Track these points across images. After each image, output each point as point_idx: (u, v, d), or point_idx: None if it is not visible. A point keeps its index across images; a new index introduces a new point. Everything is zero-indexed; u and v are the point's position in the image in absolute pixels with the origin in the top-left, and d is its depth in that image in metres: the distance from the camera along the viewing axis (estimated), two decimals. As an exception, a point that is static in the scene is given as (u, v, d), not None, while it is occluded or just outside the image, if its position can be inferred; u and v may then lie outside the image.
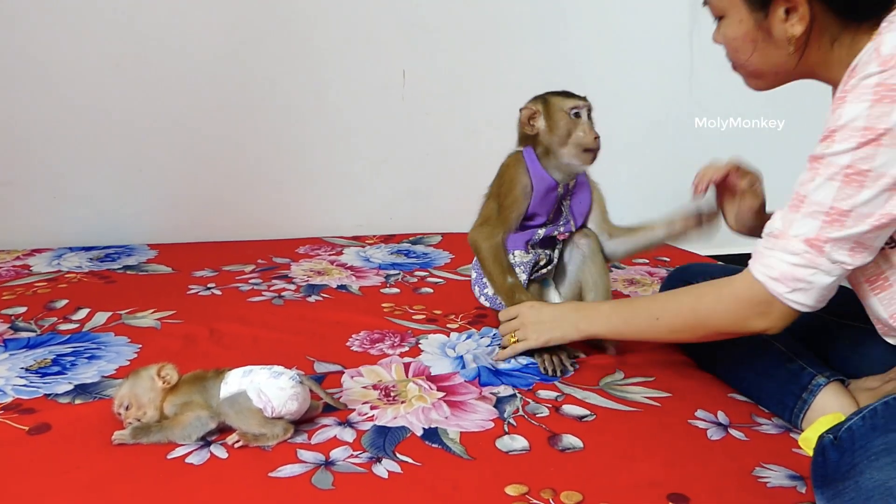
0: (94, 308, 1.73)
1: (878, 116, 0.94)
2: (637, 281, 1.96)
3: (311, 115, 2.36)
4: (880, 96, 0.94)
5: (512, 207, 1.46)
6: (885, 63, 0.94)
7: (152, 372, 1.21)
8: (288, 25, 2.28)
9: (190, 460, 1.13)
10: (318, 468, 1.11)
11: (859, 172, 0.98)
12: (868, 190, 0.98)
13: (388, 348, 1.53)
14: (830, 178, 1.00)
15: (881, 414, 0.94)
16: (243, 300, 1.81)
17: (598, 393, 1.36)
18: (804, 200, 1.04)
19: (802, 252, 1.04)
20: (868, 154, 0.96)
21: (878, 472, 0.89)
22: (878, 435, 0.92)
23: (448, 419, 1.26)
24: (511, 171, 1.47)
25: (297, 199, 2.44)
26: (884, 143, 0.95)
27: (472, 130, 2.41)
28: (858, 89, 0.96)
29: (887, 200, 0.98)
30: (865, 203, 0.99)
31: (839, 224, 1.01)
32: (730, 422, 1.26)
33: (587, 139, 1.41)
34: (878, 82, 0.94)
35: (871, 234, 1.01)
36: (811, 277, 1.05)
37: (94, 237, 2.27)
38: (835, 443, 0.94)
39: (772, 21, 1.07)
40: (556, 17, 2.39)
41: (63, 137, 2.24)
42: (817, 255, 1.03)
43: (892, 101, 0.93)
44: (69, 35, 2.16)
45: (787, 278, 1.06)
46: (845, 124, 0.98)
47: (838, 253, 1.03)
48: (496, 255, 1.47)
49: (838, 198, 1.00)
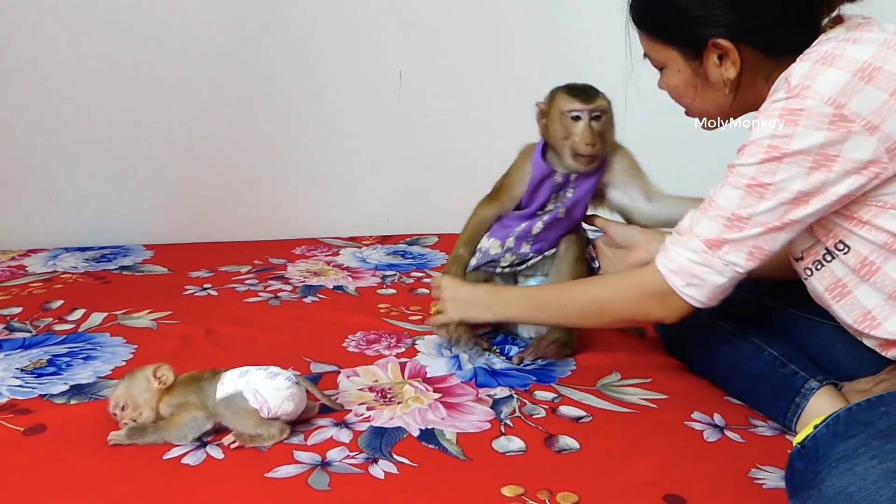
0: (90, 308, 1.72)
1: (782, 137, 1.03)
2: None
3: (308, 115, 2.36)
4: (785, 119, 1.02)
5: (507, 189, 1.50)
6: (790, 91, 1.02)
7: (148, 372, 1.21)
8: (285, 26, 2.28)
9: (186, 461, 1.13)
10: (315, 469, 1.11)
11: (761, 185, 1.06)
12: (767, 202, 1.06)
13: (385, 349, 1.53)
14: (736, 187, 1.08)
15: (843, 420, 0.97)
16: (239, 301, 1.81)
17: (595, 394, 1.36)
18: (712, 204, 1.12)
19: (700, 251, 1.12)
20: (770, 169, 1.04)
21: (837, 478, 0.90)
22: (839, 442, 0.95)
23: (444, 420, 1.26)
24: (520, 158, 1.50)
25: (293, 200, 2.43)
26: (785, 162, 1.03)
27: (469, 131, 2.41)
28: (768, 111, 1.05)
29: (784, 214, 1.06)
30: (763, 213, 1.07)
31: (737, 229, 1.09)
32: (726, 423, 1.26)
33: (579, 145, 1.39)
34: (783, 106, 1.03)
35: (765, 236, 1.08)
36: (705, 275, 1.13)
37: (89, 238, 2.27)
38: (802, 452, 0.97)
39: (707, 67, 1.15)
40: (553, 18, 2.39)
41: (59, 138, 2.23)
42: (713, 254, 1.11)
43: (794, 125, 1.01)
44: (65, 35, 2.15)
45: (684, 273, 1.14)
46: (755, 140, 1.06)
47: (734, 255, 1.10)
48: (474, 225, 1.53)
49: (740, 205, 1.08)
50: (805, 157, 1.02)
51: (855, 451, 0.92)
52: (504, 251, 1.51)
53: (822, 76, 1.01)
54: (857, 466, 0.90)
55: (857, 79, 0.99)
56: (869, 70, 1.00)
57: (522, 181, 1.48)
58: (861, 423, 0.95)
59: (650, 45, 1.21)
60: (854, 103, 0.99)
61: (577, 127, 1.40)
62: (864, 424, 0.95)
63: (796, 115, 1.01)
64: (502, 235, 1.51)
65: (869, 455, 0.91)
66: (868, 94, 0.99)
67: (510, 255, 1.52)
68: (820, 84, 1.01)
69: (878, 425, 0.95)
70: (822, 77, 1.01)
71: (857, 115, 0.99)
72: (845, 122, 0.99)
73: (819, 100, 1.00)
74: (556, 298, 1.35)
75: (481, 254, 1.53)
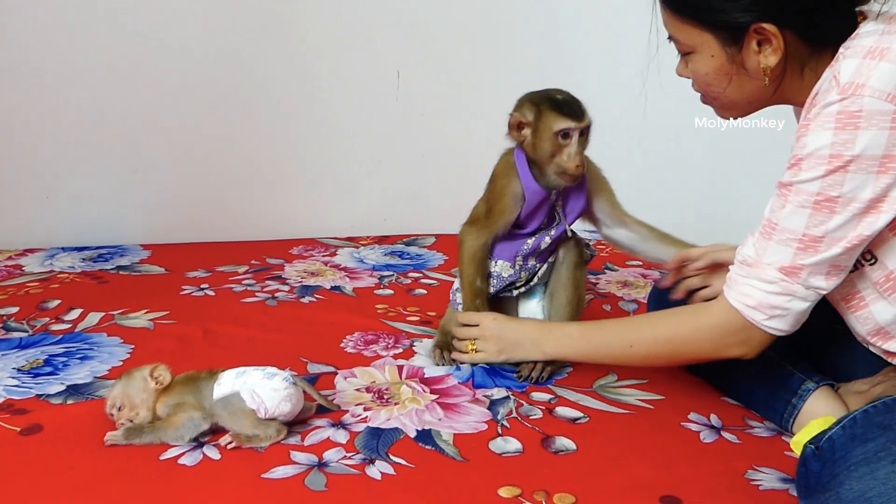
0: (87, 308, 1.72)
1: (843, 143, 0.97)
2: (630, 283, 1.97)
3: (306, 115, 2.36)
4: (843, 124, 0.96)
5: (501, 215, 1.44)
6: (843, 91, 0.96)
7: (145, 373, 1.21)
8: (282, 26, 2.27)
9: (183, 461, 1.13)
10: (312, 469, 1.11)
11: (829, 199, 1.00)
12: (839, 216, 1.00)
13: (382, 350, 1.53)
14: (801, 206, 1.02)
15: (860, 423, 0.95)
16: (237, 301, 1.80)
17: (592, 395, 1.36)
18: (776, 228, 1.06)
19: (778, 280, 1.06)
20: (836, 181, 0.99)
21: (857, 482, 0.90)
22: (857, 445, 0.93)
23: (441, 421, 1.26)
24: (502, 178, 1.44)
25: (290, 200, 2.43)
26: (850, 170, 0.98)
27: (466, 131, 2.41)
28: (821, 117, 0.98)
29: (857, 224, 1.01)
30: (837, 228, 1.01)
31: (813, 250, 1.03)
32: (722, 424, 1.26)
33: (569, 165, 1.35)
34: (839, 110, 0.96)
35: (844, 255, 1.03)
36: (788, 304, 1.07)
37: (86, 237, 2.26)
38: (817, 453, 0.95)
39: (745, 54, 1.07)
40: (550, 18, 2.39)
41: (56, 137, 2.23)
42: (793, 282, 1.06)
43: (855, 128, 0.96)
44: (63, 35, 2.15)
45: (764, 306, 1.08)
46: (811, 153, 1.00)
47: (814, 278, 1.05)
48: (475, 255, 1.47)
49: (810, 224, 1.02)
50: (871, 162, 0.97)
51: (875, 454, 0.91)
52: (518, 270, 1.49)
53: (876, 72, 0.95)
54: (877, 471, 0.89)
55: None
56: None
57: (515, 205, 1.42)
58: (879, 427, 0.94)
59: (679, 27, 1.11)
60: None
61: (569, 146, 1.34)
62: (883, 428, 0.94)
63: (855, 118, 0.95)
64: (510, 255, 1.48)
65: (889, 460, 0.90)
66: None
67: (524, 273, 1.50)
68: (875, 80, 0.95)
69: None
70: (875, 73, 0.95)
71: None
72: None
73: (878, 97, 0.94)
74: (620, 339, 1.29)
75: (496, 279, 1.49)
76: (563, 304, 1.49)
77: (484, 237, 1.46)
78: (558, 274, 1.51)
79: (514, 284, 1.51)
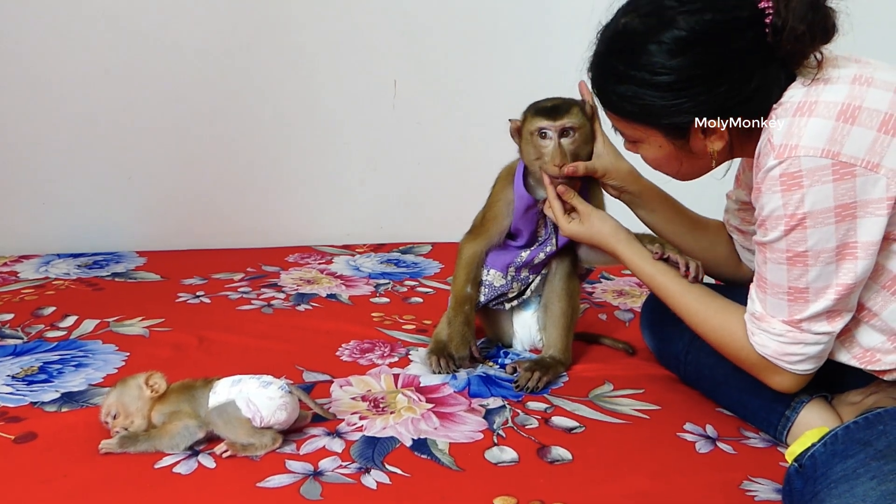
0: (82, 315, 1.72)
1: (793, 203, 1.01)
2: (626, 292, 1.97)
3: (303, 122, 2.36)
4: (787, 186, 1.01)
5: (493, 222, 1.45)
6: (779, 154, 1.01)
7: (140, 380, 1.20)
8: (280, 33, 2.28)
9: (177, 470, 1.12)
10: (307, 478, 1.11)
11: (798, 254, 1.04)
12: (814, 268, 1.04)
13: (378, 358, 1.53)
14: (778, 262, 1.07)
15: (841, 439, 0.97)
16: (232, 308, 1.80)
17: (588, 405, 1.36)
18: (766, 282, 1.10)
19: (785, 332, 1.10)
20: (799, 237, 1.03)
21: (837, 499, 0.90)
22: (837, 461, 0.95)
23: (437, 430, 1.26)
24: (499, 184, 1.46)
25: (287, 208, 2.43)
26: (808, 226, 1.02)
27: (462, 139, 2.42)
28: (767, 181, 1.03)
29: (836, 271, 1.04)
30: (816, 279, 1.05)
31: (803, 301, 1.07)
32: (718, 435, 1.26)
33: (547, 165, 1.33)
34: (780, 173, 1.01)
35: (839, 301, 1.06)
36: (803, 350, 1.11)
37: (82, 244, 2.26)
38: (800, 471, 0.97)
39: (692, 142, 1.11)
40: (546, 28, 2.39)
41: (52, 143, 2.23)
42: (799, 332, 1.10)
43: (800, 188, 1.00)
44: (59, 41, 2.15)
45: (781, 354, 1.12)
46: (769, 215, 1.05)
47: (817, 325, 1.09)
48: (469, 263, 1.48)
49: (790, 278, 1.06)
50: (826, 215, 1.01)
51: (854, 471, 0.92)
52: (511, 281, 1.50)
53: (807, 129, 1.00)
54: (856, 488, 0.90)
55: (842, 122, 0.99)
56: (850, 111, 0.99)
57: (507, 212, 1.43)
58: (859, 443, 0.95)
59: (623, 125, 1.16)
60: (847, 147, 0.98)
61: (547, 146, 1.34)
62: (863, 444, 0.95)
63: (797, 178, 1.00)
64: (502, 265, 1.49)
65: (868, 476, 0.91)
66: (858, 136, 0.99)
67: (517, 283, 1.50)
68: (807, 138, 0.99)
69: (877, 445, 0.95)
70: (806, 130, 1.00)
71: (855, 158, 0.98)
72: (847, 168, 0.99)
73: (813, 154, 0.99)
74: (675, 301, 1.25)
75: (488, 288, 1.50)
76: (558, 314, 1.50)
77: (480, 245, 1.47)
78: (552, 285, 1.51)
79: (506, 295, 1.51)
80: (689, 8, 1.04)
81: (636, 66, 1.07)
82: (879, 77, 1.03)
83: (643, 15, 1.07)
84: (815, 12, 1.01)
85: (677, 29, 1.04)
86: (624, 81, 1.09)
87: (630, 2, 1.11)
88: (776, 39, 1.02)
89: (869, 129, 0.99)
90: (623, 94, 1.10)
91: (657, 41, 1.05)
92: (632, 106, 1.10)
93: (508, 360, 1.53)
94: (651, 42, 1.05)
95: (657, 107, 1.08)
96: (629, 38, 1.08)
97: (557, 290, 1.50)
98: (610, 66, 1.11)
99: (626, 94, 1.10)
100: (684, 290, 1.25)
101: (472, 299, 1.48)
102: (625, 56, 1.09)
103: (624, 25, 1.09)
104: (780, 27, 1.02)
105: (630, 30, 1.08)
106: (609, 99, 1.14)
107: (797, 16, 1.00)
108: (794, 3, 1.01)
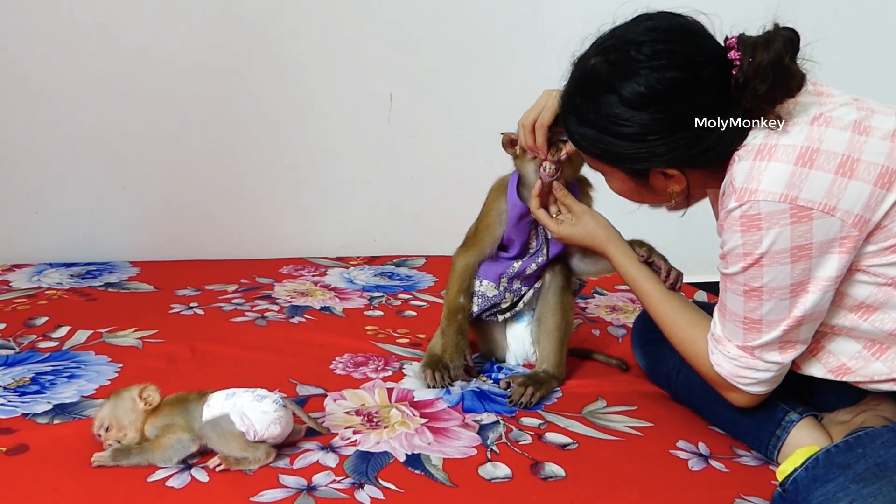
0: (75, 326, 1.71)
1: (752, 244, 1.05)
2: (619, 308, 1.98)
3: (297, 135, 2.36)
4: (747, 227, 1.04)
5: (485, 232, 1.47)
6: (739, 197, 1.04)
7: (134, 393, 1.20)
8: (274, 46, 2.28)
9: (170, 483, 1.12)
10: (300, 493, 1.11)
11: (754, 289, 1.08)
12: (768, 302, 1.08)
13: (372, 372, 1.53)
14: (735, 293, 1.11)
15: (822, 463, 1.00)
16: (226, 320, 1.80)
17: (581, 421, 1.36)
18: (725, 308, 1.14)
19: (739, 356, 1.15)
20: (755, 274, 1.07)
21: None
22: (818, 486, 0.97)
23: (431, 445, 1.26)
24: (492, 195, 1.48)
25: (281, 219, 2.43)
26: (764, 264, 1.06)
27: (457, 153, 2.42)
28: (729, 221, 1.06)
29: (791, 306, 1.08)
30: (770, 312, 1.09)
31: (756, 331, 1.11)
32: (710, 453, 1.27)
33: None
34: (741, 215, 1.04)
35: (789, 333, 1.10)
36: (753, 375, 1.15)
37: (75, 253, 2.25)
38: (783, 496, 0.99)
39: (653, 182, 1.15)
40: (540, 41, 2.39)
41: (45, 152, 2.22)
42: (751, 358, 1.14)
43: (758, 229, 1.04)
44: (53, 51, 2.15)
45: (735, 375, 1.16)
46: (729, 251, 1.08)
47: (768, 354, 1.13)
48: (462, 274, 1.49)
49: (747, 309, 1.11)
50: (782, 255, 1.04)
51: (834, 495, 0.95)
52: (503, 292, 1.50)
53: (766, 174, 1.02)
54: None
55: (800, 167, 1.01)
56: (808, 154, 1.01)
57: (499, 222, 1.46)
58: (839, 466, 0.98)
59: (586, 157, 1.20)
60: (805, 192, 1.01)
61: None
62: (843, 467, 0.98)
63: (756, 220, 1.03)
64: (495, 276, 1.50)
65: (848, 500, 0.94)
66: (815, 179, 1.01)
67: (509, 294, 1.51)
68: (766, 183, 1.02)
69: (856, 468, 0.97)
70: (765, 175, 1.02)
71: (812, 202, 1.01)
72: (804, 212, 1.01)
73: (771, 199, 1.01)
74: (653, 307, 1.29)
75: (481, 299, 1.51)
76: (552, 328, 1.50)
77: (472, 256, 1.49)
78: (545, 299, 1.52)
79: (499, 306, 1.52)
80: (654, 64, 1.05)
81: (598, 114, 1.10)
82: (837, 115, 1.05)
83: (611, 62, 1.09)
84: (778, 71, 1.02)
85: (639, 85, 1.05)
86: (586, 124, 1.12)
87: (603, 39, 1.12)
88: (737, 95, 1.05)
89: (826, 172, 1.01)
90: (585, 135, 1.13)
91: (619, 93, 1.07)
92: (593, 147, 1.14)
93: (502, 374, 1.53)
94: (613, 92, 1.07)
95: (616, 153, 1.11)
96: (595, 83, 1.10)
97: (551, 305, 1.51)
98: (575, 107, 1.14)
99: (587, 135, 1.13)
100: (663, 297, 1.29)
101: (465, 309, 1.50)
102: (588, 100, 1.11)
103: (592, 67, 1.11)
104: (742, 84, 1.04)
105: (596, 73, 1.10)
106: (573, 136, 1.17)
107: (760, 74, 1.02)
108: (758, 58, 1.02)
